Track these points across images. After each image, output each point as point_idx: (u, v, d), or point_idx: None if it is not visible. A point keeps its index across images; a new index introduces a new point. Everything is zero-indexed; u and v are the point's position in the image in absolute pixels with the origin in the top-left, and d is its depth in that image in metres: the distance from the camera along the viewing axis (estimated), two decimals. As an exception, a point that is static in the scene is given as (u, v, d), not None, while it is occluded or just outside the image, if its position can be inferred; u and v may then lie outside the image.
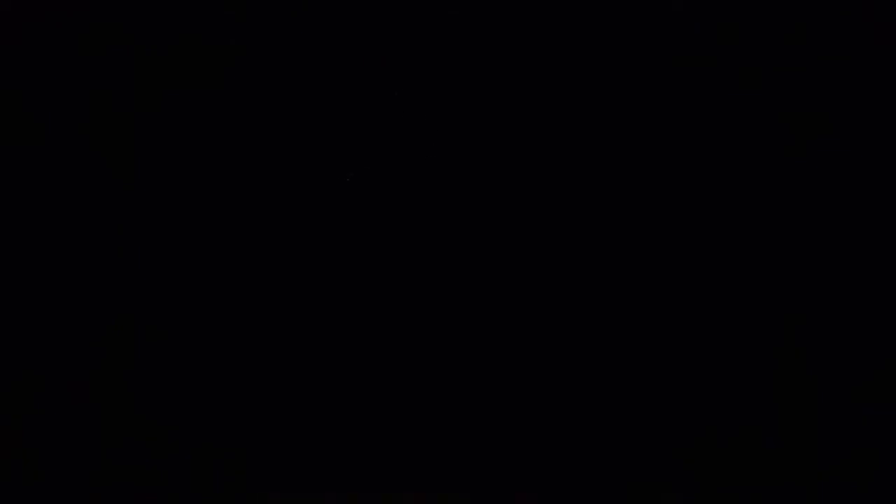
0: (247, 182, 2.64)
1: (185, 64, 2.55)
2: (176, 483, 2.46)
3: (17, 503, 2.38)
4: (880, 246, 2.50)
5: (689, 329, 2.60)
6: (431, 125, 2.65)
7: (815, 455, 2.40)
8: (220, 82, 2.59)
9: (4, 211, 2.54)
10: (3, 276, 2.54)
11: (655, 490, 2.39)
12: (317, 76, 2.61)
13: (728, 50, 2.54)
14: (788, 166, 2.56)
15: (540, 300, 2.62)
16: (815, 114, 2.52)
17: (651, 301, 2.61)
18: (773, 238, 2.57)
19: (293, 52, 2.58)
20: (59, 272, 2.56)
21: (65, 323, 2.55)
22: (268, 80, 2.61)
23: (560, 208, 2.63)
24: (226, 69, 2.59)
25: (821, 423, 2.50)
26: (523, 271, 2.63)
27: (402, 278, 2.63)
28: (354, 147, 2.66)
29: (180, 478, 2.48)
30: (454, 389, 2.60)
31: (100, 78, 2.54)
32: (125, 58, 2.53)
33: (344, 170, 2.63)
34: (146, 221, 2.61)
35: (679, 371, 2.61)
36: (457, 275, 2.64)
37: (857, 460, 2.38)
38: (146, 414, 2.53)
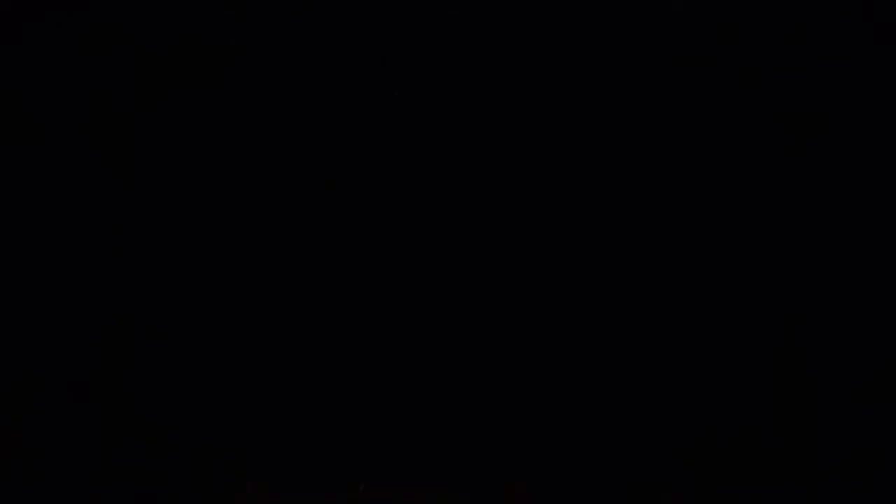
0: (246, 181, 2.64)
1: (185, 64, 2.55)
2: (153, 472, 2.46)
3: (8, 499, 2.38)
4: (880, 246, 2.50)
5: (689, 328, 2.60)
6: (431, 125, 2.65)
7: (815, 455, 2.40)
8: (220, 82, 2.59)
9: (4, 211, 2.54)
10: (2, 275, 2.54)
11: (655, 490, 2.39)
12: (317, 76, 2.62)
13: (728, 50, 2.54)
14: (788, 166, 2.56)
15: (538, 296, 2.62)
16: (815, 114, 2.52)
17: (650, 299, 2.61)
18: (773, 238, 2.57)
19: (293, 52, 2.59)
20: (59, 271, 2.57)
21: (61, 320, 2.55)
22: (268, 80, 2.61)
23: (559, 207, 2.63)
24: (226, 69, 2.59)
25: (821, 423, 2.50)
26: (520, 266, 2.63)
27: (392, 273, 2.64)
28: (354, 147, 2.66)
29: (157, 467, 2.48)
30: (450, 386, 2.60)
31: (100, 78, 2.54)
32: (125, 58, 2.53)
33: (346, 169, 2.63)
34: (146, 221, 2.61)
35: (678, 371, 2.61)
36: (451, 268, 2.64)
37: (857, 460, 2.38)
38: (124, 403, 2.53)
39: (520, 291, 2.61)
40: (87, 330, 2.55)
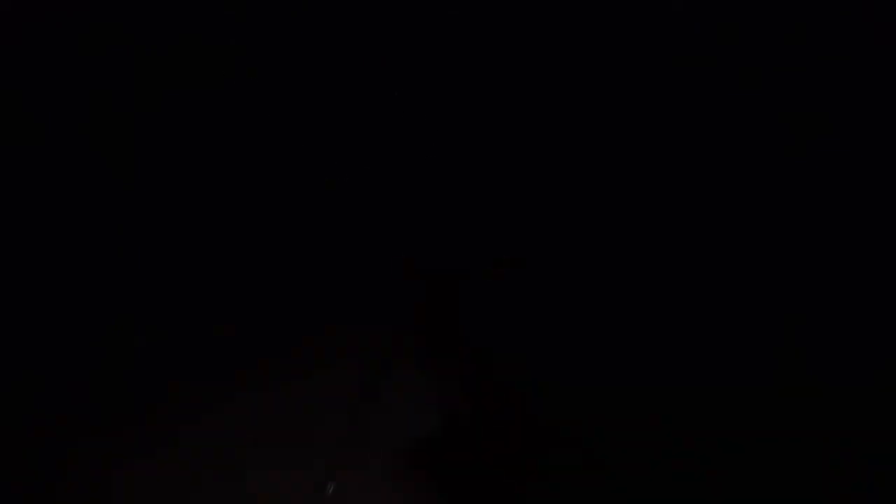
0: (246, 181, 2.64)
1: (185, 64, 2.56)
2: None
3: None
4: (880, 246, 2.50)
5: (690, 329, 2.60)
6: (431, 125, 2.66)
7: (815, 452, 2.40)
8: (220, 82, 2.60)
9: (4, 211, 2.55)
10: (3, 275, 2.54)
11: (655, 488, 2.39)
12: (317, 76, 2.62)
13: (728, 50, 2.54)
14: (788, 166, 2.57)
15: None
16: (815, 114, 2.52)
17: (651, 298, 2.61)
18: (773, 236, 2.58)
19: (293, 52, 2.59)
20: (59, 269, 2.57)
21: (65, 321, 2.56)
22: (268, 80, 2.62)
23: (558, 209, 2.64)
24: (226, 69, 2.59)
25: (821, 422, 2.50)
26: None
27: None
28: (355, 147, 2.66)
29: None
30: None
31: (100, 78, 2.54)
32: (125, 58, 2.53)
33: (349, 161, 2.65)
34: (146, 221, 2.61)
35: (679, 371, 2.61)
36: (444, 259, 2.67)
37: (857, 460, 2.38)
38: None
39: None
40: (87, 329, 2.56)
